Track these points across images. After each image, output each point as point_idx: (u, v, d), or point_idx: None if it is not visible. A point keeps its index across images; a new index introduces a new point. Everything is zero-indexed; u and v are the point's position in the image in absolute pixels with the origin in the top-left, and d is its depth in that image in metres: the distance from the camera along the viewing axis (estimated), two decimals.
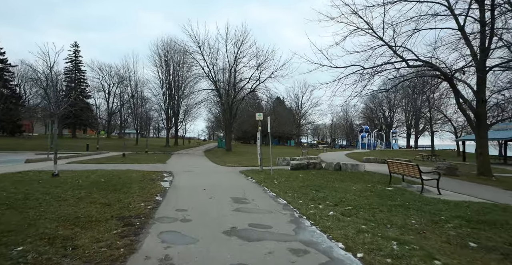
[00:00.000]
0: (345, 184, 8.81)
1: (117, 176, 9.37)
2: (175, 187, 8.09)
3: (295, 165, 13.12)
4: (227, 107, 26.74)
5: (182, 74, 38.21)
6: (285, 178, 10.22)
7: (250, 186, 8.69)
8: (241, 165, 15.80)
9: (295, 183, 9.13)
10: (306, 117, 61.29)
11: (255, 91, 25.89)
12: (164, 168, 13.29)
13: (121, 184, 7.81)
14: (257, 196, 7.17)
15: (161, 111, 42.74)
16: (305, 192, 7.48)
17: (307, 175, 11.04)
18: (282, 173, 11.81)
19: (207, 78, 26.24)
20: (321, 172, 12.23)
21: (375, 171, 12.75)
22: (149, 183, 8.53)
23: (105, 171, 10.52)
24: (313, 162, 13.60)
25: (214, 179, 10.17)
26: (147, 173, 10.85)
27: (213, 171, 12.66)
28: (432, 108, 37.25)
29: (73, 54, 53.75)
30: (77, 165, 13.01)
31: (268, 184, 8.96)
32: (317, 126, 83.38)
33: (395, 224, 4.50)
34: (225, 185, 8.73)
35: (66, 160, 15.39)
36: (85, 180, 8.11)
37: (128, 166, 13.15)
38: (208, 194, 7.17)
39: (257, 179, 10.04)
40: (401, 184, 8.68)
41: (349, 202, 6.24)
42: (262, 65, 24.60)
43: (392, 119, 72.42)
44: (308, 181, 9.53)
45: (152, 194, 6.90)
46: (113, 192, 6.76)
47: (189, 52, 24.65)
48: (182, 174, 11.32)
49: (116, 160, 16.17)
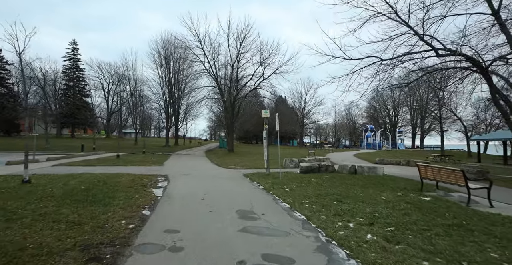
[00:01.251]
0: (369, 191, 7.49)
1: (102, 181, 8.09)
2: (169, 196, 6.79)
3: (305, 168, 11.81)
4: (229, 105, 25.42)
5: (183, 71, 36.96)
6: (297, 184, 8.91)
7: (258, 195, 7.39)
8: (244, 167, 14.50)
9: (310, 190, 7.82)
10: (310, 117, 59.86)
11: (258, 88, 24.59)
12: (160, 170, 12.01)
13: (104, 193, 6.52)
14: (268, 208, 5.86)
15: (161, 110, 41.52)
16: (325, 202, 6.17)
17: (321, 180, 9.72)
18: (292, 177, 10.50)
19: (208, 74, 24.96)
20: (335, 176, 10.90)
21: (395, 175, 11.41)
22: (139, 190, 7.24)
23: (90, 175, 9.24)
24: (324, 164, 12.29)
25: (215, 184, 8.87)
26: (139, 177, 9.57)
27: (214, 175, 11.37)
28: (442, 106, 35.78)
29: (71, 52, 52.61)
30: (63, 168, 11.74)
31: (279, 191, 7.65)
32: (319, 125, 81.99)
33: (474, 262, 3.17)
34: (228, 193, 7.43)
35: (54, 162, 14.14)
36: (61, 188, 6.82)
37: (120, 169, 11.87)
38: (208, 206, 5.87)
39: (265, 185, 8.74)
40: (436, 192, 7.36)
41: (385, 218, 4.92)
42: (266, 60, 23.29)
43: (396, 119, 71.07)
44: (324, 187, 8.21)
45: (139, 206, 5.61)
46: (91, 204, 5.48)
47: (188, 47, 23.35)
48: (179, 178, 10.03)
49: (108, 161, 14.91)
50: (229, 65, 24.96)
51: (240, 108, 28.31)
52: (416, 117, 63.91)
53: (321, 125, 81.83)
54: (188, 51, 25.29)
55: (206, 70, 24.68)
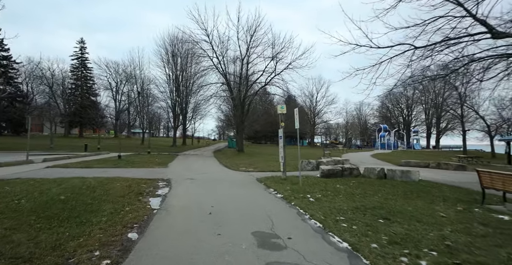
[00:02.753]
0: (417, 204, 5.99)
1: (91, 188, 6.80)
2: (167, 209, 5.44)
3: (326, 172, 10.34)
4: (239, 103, 24.03)
5: (190, 69, 35.79)
6: (321, 192, 7.46)
7: (277, 207, 5.97)
8: (256, 170, 13.11)
9: (340, 200, 6.37)
10: (321, 116, 58.04)
11: (270, 85, 23.18)
12: (163, 174, 10.72)
13: (86, 205, 5.22)
14: (294, 228, 4.45)
15: (168, 109, 40.50)
16: (367, 221, 4.71)
17: (348, 187, 8.24)
18: (312, 182, 9.05)
19: (216, 71, 23.62)
20: (363, 181, 9.39)
21: (434, 181, 9.82)
22: (132, 201, 5.92)
23: (80, 180, 7.99)
24: (348, 167, 10.78)
25: (224, 192, 7.49)
26: (137, 182, 8.27)
27: (223, 179, 10.00)
28: (464, 104, 33.61)
29: (79, 51, 52.16)
30: (56, 170, 10.58)
31: (302, 202, 6.23)
32: (329, 125, 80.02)
33: None
34: (241, 204, 6.05)
35: (50, 163, 13.03)
36: (36, 198, 5.55)
37: (119, 172, 10.64)
38: (216, 225, 4.49)
39: (283, 193, 7.33)
40: (505, 205, 5.80)
41: (470, 252, 3.44)
42: (278, 54, 21.77)
43: (410, 118, 68.73)
44: (357, 197, 6.73)
45: (125, 226, 4.27)
46: (62, 223, 4.17)
47: (196, 41, 22.06)
48: (183, 183, 8.69)
49: (109, 163, 13.72)
50: (238, 60, 23.59)
51: (250, 106, 26.93)
52: (432, 116, 61.50)
53: (331, 124, 79.90)
54: (195, 47, 24.01)
55: (214, 66, 23.39)
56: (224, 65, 23.82)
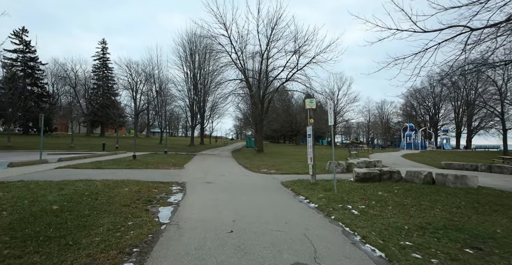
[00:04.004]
0: (502, 222, 4.57)
1: (94, 195, 5.88)
2: (178, 225, 4.36)
3: (362, 175, 8.98)
4: (258, 100, 22.86)
5: (208, 66, 35.05)
6: (363, 201, 6.17)
7: (315, 222, 4.75)
8: (279, 172, 11.91)
9: (392, 214, 5.07)
10: (342, 114, 55.79)
11: (291, 81, 21.81)
12: (178, 176, 9.76)
13: (81, 218, 4.25)
14: (347, 260, 3.23)
15: (186, 107, 40.04)
16: (448, 251, 3.40)
17: (394, 195, 6.88)
18: (348, 188, 7.75)
19: (235, 66, 22.58)
20: (409, 187, 7.96)
21: (497, 187, 8.22)
22: (138, 211, 4.91)
23: (86, 183, 7.12)
24: (388, 170, 9.34)
25: (246, 200, 6.36)
26: (149, 186, 7.32)
27: (243, 183, 8.88)
28: (504, 100, 30.69)
29: (100, 51, 53.04)
30: (65, 171, 9.88)
31: (344, 215, 4.99)
32: (350, 124, 77.34)
33: None
34: (268, 218, 4.88)
35: (63, 163, 12.45)
36: (23, 208, 4.63)
37: (131, 173, 9.78)
38: (239, 251, 3.35)
39: (317, 202, 6.11)
40: None
41: None
42: (301, 48, 20.37)
43: (438, 116, 65.08)
44: (411, 210, 5.38)
45: (121, 252, 3.22)
46: (39, 248, 3.17)
47: (213, 36, 21.10)
48: (199, 188, 7.65)
49: (122, 163, 12.98)
50: (258, 54, 22.39)
51: (270, 104, 25.72)
52: (462, 114, 57.84)
53: (351, 123, 77.18)
54: (213, 42, 23.07)
55: (232, 62, 22.34)
56: (243, 61, 22.77)
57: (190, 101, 37.43)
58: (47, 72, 47.98)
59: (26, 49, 44.32)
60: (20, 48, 43.86)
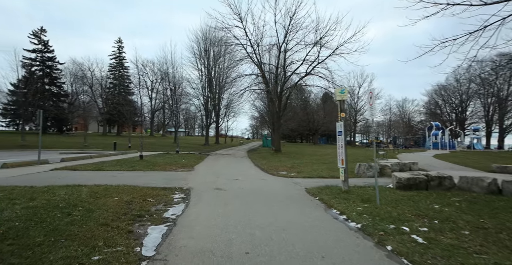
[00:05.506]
0: None
1: (71, 206, 4.62)
2: (166, 261, 2.97)
3: (405, 181, 7.32)
4: (275, 96, 21.33)
5: (224, 62, 33.89)
6: (420, 218, 4.60)
7: (364, 258, 3.23)
8: (301, 175, 10.38)
9: (477, 244, 3.48)
10: (363, 113, 53.13)
11: (311, 75, 20.07)
12: (185, 180, 8.44)
13: (26, 250, 2.94)
14: None
15: (200, 106, 39.09)
16: None
17: (458, 210, 5.22)
18: (392, 198, 6.15)
19: (250, 60, 21.14)
20: (471, 198, 6.25)
21: None
22: (116, 234, 3.57)
23: (68, 191, 5.90)
24: (436, 176, 7.60)
25: (264, 216, 4.90)
26: (145, 194, 6.01)
27: (260, 190, 7.42)
28: None
29: (117, 51, 53.20)
30: (57, 174, 8.76)
31: (404, 245, 3.46)
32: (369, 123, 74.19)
33: None
34: (295, 247, 3.40)
35: (63, 164, 11.45)
36: None
37: (132, 176, 8.57)
38: None
39: (357, 219, 4.60)
40: None
41: None
42: (322, 39, 18.63)
43: (465, 114, 61.18)
44: (506, 238, 3.75)
45: None
46: None
47: (227, 27, 19.73)
48: (205, 197, 6.27)
49: (127, 164, 11.84)
50: (275, 47, 20.81)
51: (288, 100, 24.14)
52: (493, 112, 53.96)
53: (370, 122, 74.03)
54: (227, 35, 21.71)
55: (248, 56, 20.93)
56: (259, 55, 21.29)
57: (205, 99, 36.42)
58: (65, 71, 48.51)
59: (44, 48, 44.83)
60: (38, 48, 44.41)
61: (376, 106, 5.70)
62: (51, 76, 46.03)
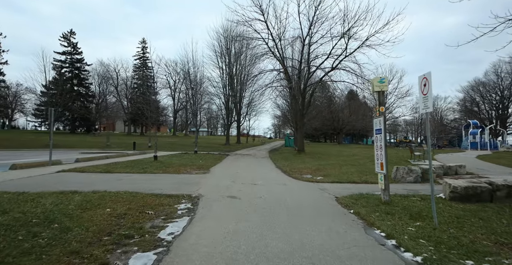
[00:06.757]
0: None
1: (46, 222, 3.77)
2: None
3: (463, 191, 5.87)
4: (298, 93, 20.03)
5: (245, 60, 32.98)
6: (504, 249, 3.23)
7: None
8: (328, 179, 9.11)
9: None
10: (392, 110, 49.99)
11: (338, 69, 18.48)
12: (196, 185, 7.49)
13: None
14: None
15: (221, 105, 38.46)
16: None
17: None
18: (450, 213, 4.81)
19: (272, 55, 19.93)
20: None
21: None
22: None
23: (57, 199, 5.11)
24: (503, 184, 6.07)
25: (287, 235, 3.76)
26: (145, 204, 5.09)
27: (282, 199, 6.25)
28: None
29: (141, 51, 54.00)
30: (63, 176, 8.16)
31: None
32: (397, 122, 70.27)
33: None
34: None
35: (75, 165, 10.95)
36: None
37: (139, 180, 7.78)
38: None
39: (415, 248, 3.34)
40: None
41: None
42: (350, 30, 16.99)
43: (507, 112, 56.30)
44: None
45: None
46: None
47: (247, 21, 18.67)
48: (215, 208, 5.23)
49: (140, 165, 11.15)
50: (299, 40, 19.47)
51: (312, 98, 22.68)
52: None
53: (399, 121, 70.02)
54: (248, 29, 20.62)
55: (269, 50, 19.76)
56: (281, 49, 20.06)
57: (226, 98, 35.72)
58: (93, 73, 49.91)
59: (73, 50, 46.33)
60: (68, 50, 45.95)
61: (431, 95, 4.35)
62: (79, 77, 47.52)
